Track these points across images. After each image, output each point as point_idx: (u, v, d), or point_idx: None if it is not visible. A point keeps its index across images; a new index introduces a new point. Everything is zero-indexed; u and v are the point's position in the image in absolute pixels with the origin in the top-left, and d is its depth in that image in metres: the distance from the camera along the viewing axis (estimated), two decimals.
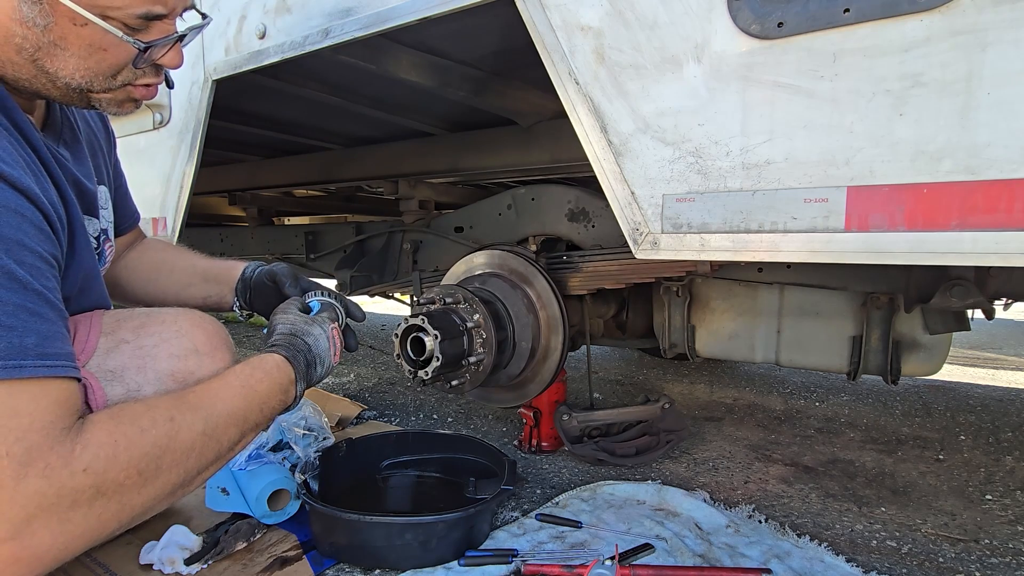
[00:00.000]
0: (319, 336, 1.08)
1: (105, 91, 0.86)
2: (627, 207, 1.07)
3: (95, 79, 0.83)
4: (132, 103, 0.90)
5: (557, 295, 1.70)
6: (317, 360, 1.06)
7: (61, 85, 0.82)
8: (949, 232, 0.81)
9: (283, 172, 2.83)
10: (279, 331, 1.05)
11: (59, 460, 0.67)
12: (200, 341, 0.95)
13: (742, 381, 2.86)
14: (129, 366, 0.89)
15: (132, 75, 0.86)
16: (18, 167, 0.74)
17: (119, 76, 0.85)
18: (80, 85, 0.83)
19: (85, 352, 0.88)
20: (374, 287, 2.33)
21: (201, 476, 0.84)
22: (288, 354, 0.99)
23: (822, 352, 1.76)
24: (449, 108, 2.09)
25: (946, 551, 1.33)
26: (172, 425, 0.78)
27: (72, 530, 0.68)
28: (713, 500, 1.52)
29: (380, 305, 5.83)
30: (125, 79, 0.86)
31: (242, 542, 1.24)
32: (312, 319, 1.10)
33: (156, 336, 0.93)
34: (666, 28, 0.99)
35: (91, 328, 0.91)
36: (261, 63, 1.50)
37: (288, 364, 0.98)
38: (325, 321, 1.11)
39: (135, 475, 0.73)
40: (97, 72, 0.83)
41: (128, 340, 0.91)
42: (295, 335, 1.05)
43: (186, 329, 0.95)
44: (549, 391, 1.81)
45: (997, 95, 0.77)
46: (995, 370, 3.25)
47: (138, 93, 0.89)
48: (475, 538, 1.26)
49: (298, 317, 1.09)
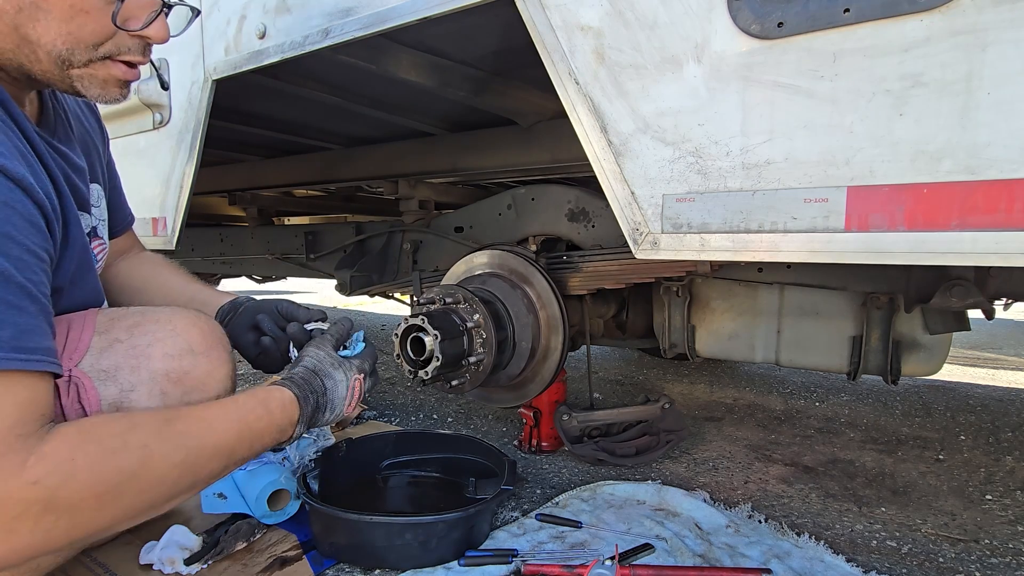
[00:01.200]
0: (340, 382, 1.04)
1: (86, 64, 0.84)
2: (627, 207, 1.07)
3: (76, 47, 0.82)
4: (116, 86, 0.88)
5: (557, 295, 1.70)
6: (328, 406, 1.03)
7: (43, 55, 0.81)
8: (949, 232, 0.81)
9: (283, 172, 2.83)
10: (303, 363, 1.03)
11: (9, 468, 0.65)
12: (195, 340, 0.94)
13: (742, 381, 2.86)
14: (123, 365, 0.88)
15: (115, 47, 0.84)
16: (13, 157, 0.74)
17: (101, 47, 0.83)
18: (61, 53, 0.81)
19: (78, 351, 0.87)
20: (374, 287, 2.33)
21: (171, 503, 0.81)
22: (300, 393, 0.97)
23: (822, 352, 1.76)
24: (449, 108, 2.09)
25: (946, 551, 1.33)
26: (144, 452, 0.74)
27: (16, 541, 0.66)
28: (713, 500, 1.52)
29: (380, 305, 5.83)
30: (107, 51, 0.84)
31: (242, 542, 1.24)
32: (340, 362, 1.06)
33: (151, 335, 0.91)
34: (666, 28, 0.99)
35: (84, 327, 0.90)
36: (261, 63, 1.50)
37: (295, 404, 0.95)
38: (352, 368, 1.07)
39: (91, 498, 0.70)
40: (79, 39, 0.81)
41: (122, 339, 0.90)
42: (316, 374, 1.02)
43: (181, 328, 0.94)
44: (549, 391, 1.81)
45: (997, 95, 0.77)
46: (995, 370, 3.25)
47: (119, 70, 0.87)
48: (475, 538, 1.27)
49: (328, 355, 1.06)
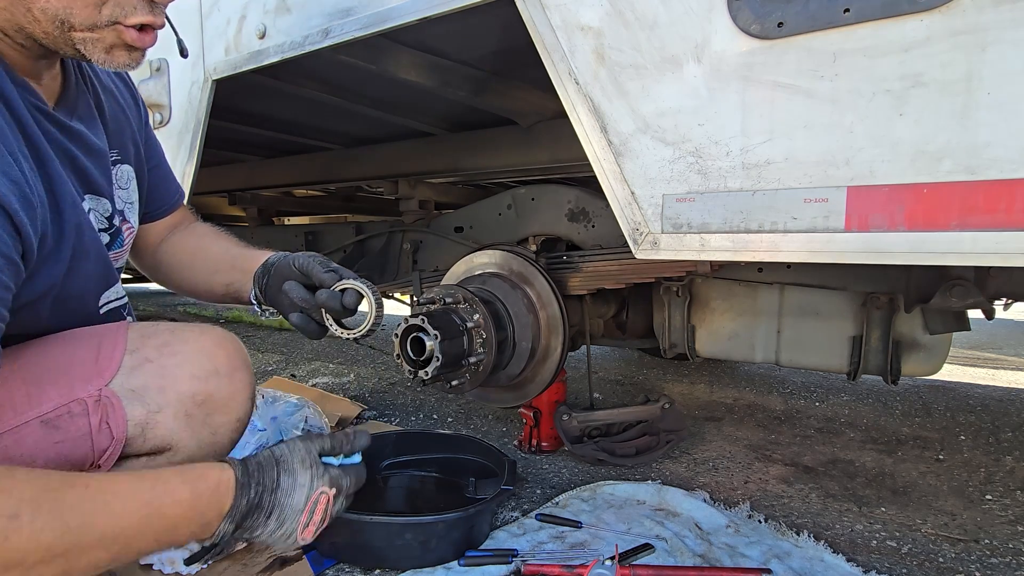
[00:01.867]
0: (301, 486, 0.85)
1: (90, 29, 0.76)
2: (627, 207, 1.07)
3: (74, 6, 0.73)
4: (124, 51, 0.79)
5: (557, 295, 1.70)
6: (275, 510, 0.82)
7: (38, 13, 0.73)
8: (949, 232, 0.81)
9: (283, 172, 2.83)
10: (268, 448, 0.89)
11: None
12: (221, 362, 0.93)
13: (742, 381, 2.86)
14: (151, 386, 0.87)
15: (120, 10, 0.76)
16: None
17: (104, 9, 0.75)
18: (58, 13, 0.73)
19: (109, 369, 0.86)
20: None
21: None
22: (242, 479, 0.80)
23: (822, 352, 1.76)
24: (449, 108, 2.09)
25: (946, 551, 1.33)
26: (10, 524, 0.60)
27: None
28: (713, 500, 1.52)
29: None
30: (112, 15, 0.76)
31: (242, 542, 1.24)
32: (315, 462, 0.88)
33: (179, 356, 0.91)
34: (666, 28, 0.99)
35: (116, 344, 0.89)
36: (261, 63, 1.50)
37: (232, 491, 0.79)
38: (325, 477, 0.87)
39: None
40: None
41: (152, 359, 0.89)
42: (277, 463, 0.85)
43: (208, 349, 0.93)
44: (549, 391, 1.81)
45: (997, 95, 0.77)
46: (995, 370, 3.25)
47: (129, 36, 0.78)
48: (475, 538, 1.27)
49: (305, 450, 0.88)
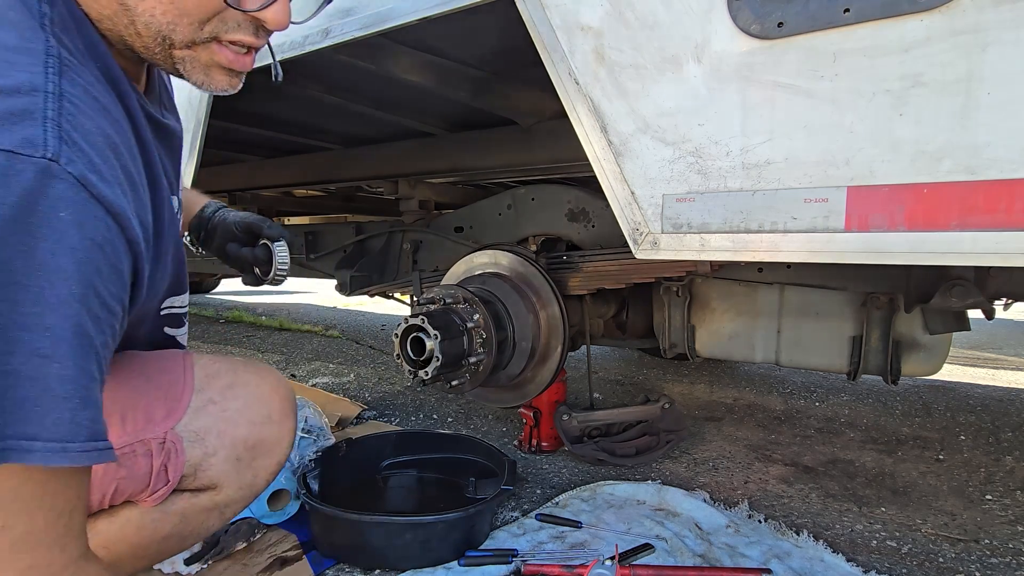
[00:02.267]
0: None
1: (189, 46, 0.73)
2: (627, 207, 1.07)
3: (179, 23, 0.70)
4: (221, 72, 0.77)
5: (557, 295, 1.70)
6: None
7: (142, 27, 0.70)
8: (949, 232, 0.81)
9: (283, 172, 2.83)
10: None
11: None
12: (275, 408, 0.94)
13: (742, 381, 2.86)
14: (212, 429, 0.86)
15: (222, 26, 0.73)
16: (115, 182, 0.63)
17: (207, 26, 0.72)
18: (162, 28, 0.70)
19: (177, 412, 0.84)
20: (374, 287, 2.33)
21: None
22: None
23: (822, 352, 1.76)
24: (449, 108, 2.09)
25: (946, 551, 1.33)
26: None
27: None
28: (713, 500, 1.52)
29: (380, 305, 5.83)
30: (213, 30, 0.73)
31: (242, 542, 1.24)
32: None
33: (240, 400, 0.90)
34: (666, 28, 0.99)
35: (184, 384, 0.87)
36: (261, 63, 1.49)
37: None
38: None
39: None
40: (183, 10, 0.70)
41: (216, 401, 0.88)
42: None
43: (267, 395, 0.93)
44: (549, 391, 1.81)
45: (997, 95, 0.77)
46: (995, 370, 3.25)
47: (224, 56, 0.75)
48: (475, 538, 1.27)
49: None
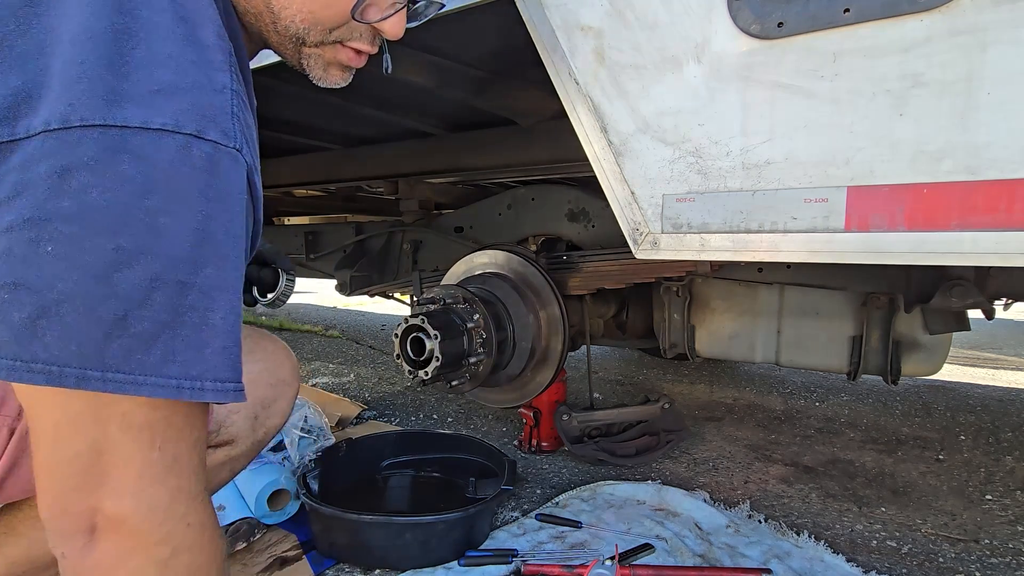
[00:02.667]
0: None
1: (317, 45, 0.81)
2: (627, 207, 1.07)
3: (313, 28, 0.78)
4: (339, 69, 0.86)
5: (557, 295, 1.70)
6: None
7: (281, 28, 0.77)
8: (949, 232, 0.81)
9: (283, 172, 2.83)
10: None
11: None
12: (287, 372, 0.99)
13: (742, 381, 2.86)
14: None
15: (348, 33, 0.81)
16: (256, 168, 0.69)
17: (334, 32, 0.80)
18: (299, 31, 0.77)
19: None
20: (374, 287, 2.33)
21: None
22: None
23: (822, 352, 1.76)
24: (449, 108, 2.09)
25: (946, 551, 1.33)
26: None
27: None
28: (713, 500, 1.52)
29: (380, 305, 5.83)
30: (339, 36, 0.80)
31: (242, 542, 1.24)
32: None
33: (260, 364, 0.95)
34: (666, 28, 0.99)
35: None
36: (261, 63, 1.50)
37: None
38: None
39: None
40: (318, 20, 0.77)
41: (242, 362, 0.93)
42: None
43: (282, 360, 0.99)
44: (549, 391, 1.81)
45: (997, 95, 0.77)
46: (995, 370, 3.25)
47: (345, 55, 0.84)
48: (475, 538, 1.27)
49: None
